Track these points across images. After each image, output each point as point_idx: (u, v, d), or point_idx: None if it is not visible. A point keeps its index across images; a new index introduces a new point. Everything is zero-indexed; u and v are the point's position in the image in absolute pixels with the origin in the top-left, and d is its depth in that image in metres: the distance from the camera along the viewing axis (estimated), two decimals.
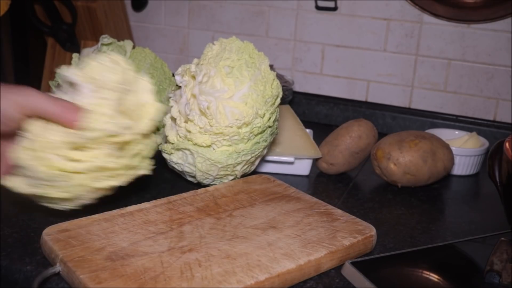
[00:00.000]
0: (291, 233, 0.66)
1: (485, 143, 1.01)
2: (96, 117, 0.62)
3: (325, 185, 0.92)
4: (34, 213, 0.73)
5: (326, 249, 0.63)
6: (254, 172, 0.88)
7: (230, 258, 0.59)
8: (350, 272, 0.62)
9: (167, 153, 0.82)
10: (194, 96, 0.78)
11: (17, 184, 0.64)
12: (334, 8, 1.23)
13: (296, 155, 0.92)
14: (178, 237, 0.64)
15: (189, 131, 0.77)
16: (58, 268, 0.58)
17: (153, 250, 0.60)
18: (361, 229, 0.68)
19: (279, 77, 1.13)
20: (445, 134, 1.03)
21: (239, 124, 0.76)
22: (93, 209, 0.68)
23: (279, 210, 0.72)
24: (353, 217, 0.72)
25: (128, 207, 0.70)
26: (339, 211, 0.73)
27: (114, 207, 0.70)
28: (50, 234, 0.62)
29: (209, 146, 0.78)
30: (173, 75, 0.86)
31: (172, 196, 0.74)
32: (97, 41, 0.92)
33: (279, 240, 0.64)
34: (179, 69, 0.81)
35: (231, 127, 0.76)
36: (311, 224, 0.69)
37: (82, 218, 0.66)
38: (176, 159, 0.81)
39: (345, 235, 0.67)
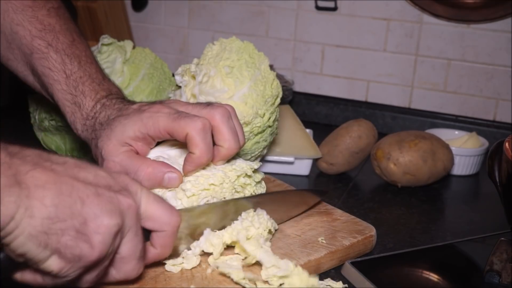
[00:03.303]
0: (291, 233, 0.66)
1: (485, 143, 1.01)
2: None
3: (325, 185, 0.92)
4: None
5: (326, 249, 0.63)
6: None
7: None
8: (350, 272, 0.62)
9: None
10: (194, 96, 0.78)
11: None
12: (334, 8, 1.23)
13: (296, 155, 0.92)
14: None
15: None
16: None
17: None
18: (361, 229, 0.68)
19: (279, 77, 1.13)
20: (445, 134, 1.03)
21: None
22: None
23: None
24: (353, 217, 0.72)
25: None
26: (339, 211, 0.73)
27: None
28: None
29: None
30: (173, 75, 0.86)
31: None
32: (97, 41, 0.92)
33: (279, 240, 0.64)
34: (179, 69, 0.81)
35: None
36: (311, 224, 0.69)
37: None
38: None
39: (345, 235, 0.67)
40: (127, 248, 0.48)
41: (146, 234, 0.51)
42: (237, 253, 0.60)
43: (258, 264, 0.57)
